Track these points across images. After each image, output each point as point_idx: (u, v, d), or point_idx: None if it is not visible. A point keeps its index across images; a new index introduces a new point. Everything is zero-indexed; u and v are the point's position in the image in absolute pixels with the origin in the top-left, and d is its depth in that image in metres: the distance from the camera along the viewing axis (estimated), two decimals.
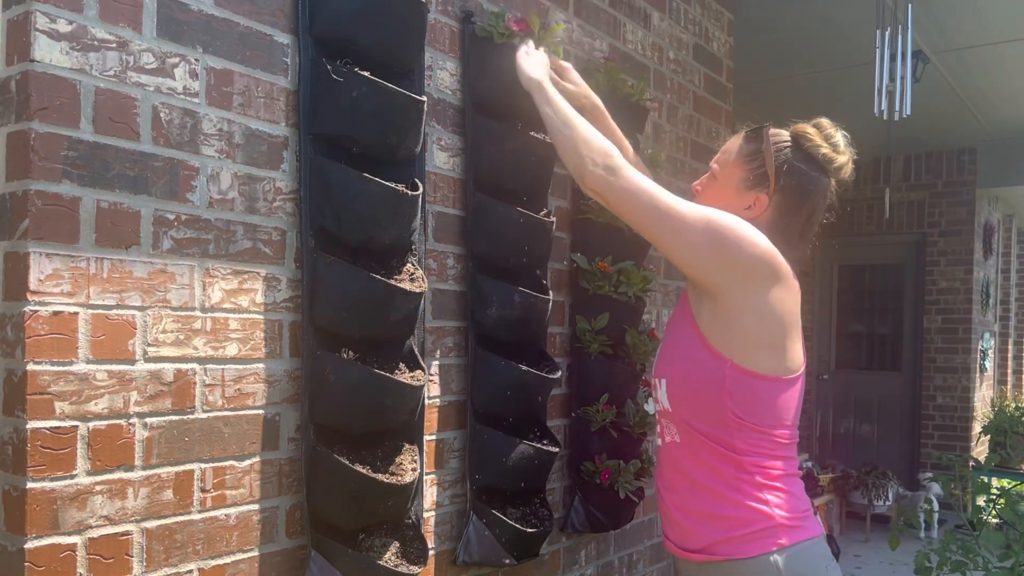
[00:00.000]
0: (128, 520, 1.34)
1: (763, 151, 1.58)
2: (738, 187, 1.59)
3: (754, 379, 1.46)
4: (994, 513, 3.22)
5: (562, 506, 2.30)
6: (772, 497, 1.47)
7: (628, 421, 2.31)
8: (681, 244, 1.49)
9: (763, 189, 1.57)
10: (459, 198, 1.95)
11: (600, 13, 2.43)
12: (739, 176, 1.59)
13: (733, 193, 1.59)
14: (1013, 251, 8.27)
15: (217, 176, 1.46)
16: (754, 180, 1.57)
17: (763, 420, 1.47)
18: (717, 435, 1.48)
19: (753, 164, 1.58)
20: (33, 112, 1.23)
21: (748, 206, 1.57)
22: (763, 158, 1.57)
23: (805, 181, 1.57)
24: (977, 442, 6.66)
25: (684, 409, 1.51)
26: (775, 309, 1.47)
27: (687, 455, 1.53)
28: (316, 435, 1.57)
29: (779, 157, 1.57)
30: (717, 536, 1.48)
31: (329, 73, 1.55)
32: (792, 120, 1.65)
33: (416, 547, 1.71)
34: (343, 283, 1.55)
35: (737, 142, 1.64)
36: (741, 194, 1.58)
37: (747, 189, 1.58)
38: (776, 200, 1.56)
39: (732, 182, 1.60)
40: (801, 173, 1.57)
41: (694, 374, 1.49)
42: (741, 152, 1.61)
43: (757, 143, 1.59)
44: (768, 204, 1.56)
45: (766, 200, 1.56)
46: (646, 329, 2.41)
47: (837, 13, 4.08)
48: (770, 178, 1.56)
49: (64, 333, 1.26)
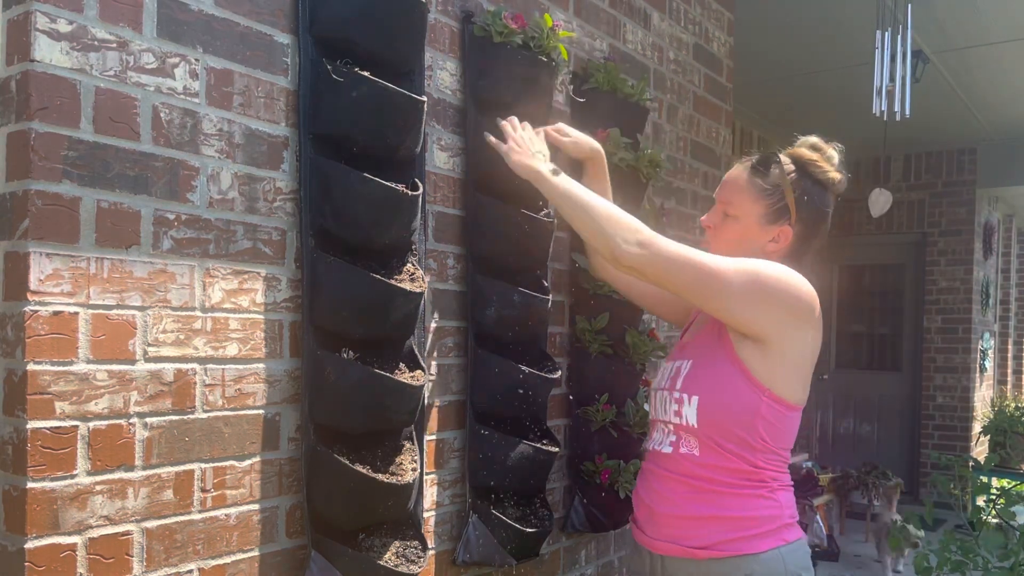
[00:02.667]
0: (128, 520, 1.34)
1: (781, 186, 1.61)
2: (759, 223, 1.62)
3: (785, 408, 1.55)
4: (994, 513, 3.22)
5: (562, 506, 2.30)
6: (782, 498, 1.58)
7: (628, 421, 2.31)
8: (730, 303, 1.52)
9: (785, 221, 1.61)
10: (459, 198, 1.95)
11: (600, 13, 2.43)
12: (758, 212, 1.62)
13: (756, 229, 1.62)
14: (1013, 251, 8.27)
15: (217, 176, 1.46)
16: (775, 214, 1.61)
17: (782, 443, 1.58)
18: (741, 453, 1.54)
19: (772, 199, 1.61)
20: (33, 112, 1.23)
21: (773, 239, 1.62)
22: (781, 192, 1.61)
23: (820, 205, 1.63)
24: (977, 442, 6.66)
25: (713, 429, 1.55)
26: (814, 347, 1.57)
27: (703, 466, 1.57)
28: (316, 435, 1.57)
29: (795, 189, 1.61)
30: (727, 535, 1.54)
31: (329, 73, 1.55)
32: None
33: (416, 547, 1.71)
34: (343, 283, 1.55)
35: (743, 176, 1.65)
36: (764, 229, 1.62)
37: (769, 224, 1.62)
38: (797, 229, 1.62)
39: (752, 219, 1.62)
40: (816, 199, 1.63)
41: (731, 400, 1.54)
42: (755, 187, 1.62)
43: (767, 177, 1.62)
44: (791, 234, 1.61)
45: (790, 231, 1.62)
46: (646, 329, 2.41)
47: (837, 13, 4.09)
48: (791, 210, 1.61)
49: (64, 333, 1.26)
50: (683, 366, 1.65)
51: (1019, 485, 4.58)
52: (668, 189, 2.78)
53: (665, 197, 2.74)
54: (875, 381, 7.15)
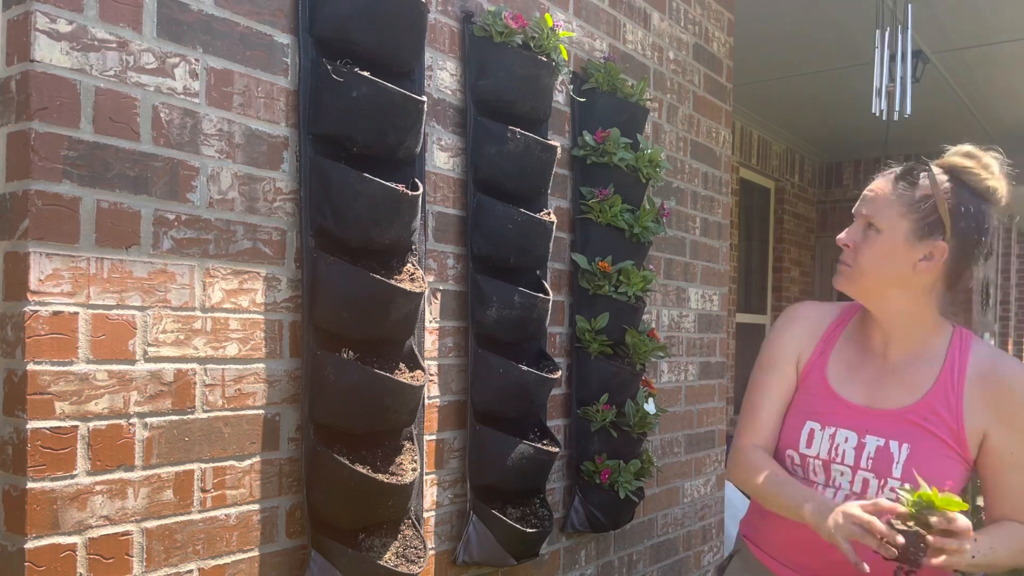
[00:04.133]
0: (128, 520, 1.34)
1: (933, 195, 1.44)
2: (908, 238, 1.45)
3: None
4: None
5: (562, 506, 2.30)
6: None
7: (628, 421, 2.32)
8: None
9: (939, 236, 1.44)
10: (459, 198, 1.95)
11: (600, 13, 2.43)
12: (906, 227, 1.45)
13: (903, 246, 1.45)
14: (1013, 251, 8.27)
15: (217, 176, 1.46)
16: (927, 228, 1.45)
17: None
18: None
19: (921, 212, 1.45)
20: (33, 112, 1.23)
21: (924, 256, 1.45)
22: (934, 203, 1.44)
23: (979, 217, 1.46)
24: None
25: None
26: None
27: None
28: (316, 435, 1.57)
29: (950, 199, 1.44)
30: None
31: (329, 73, 1.55)
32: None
33: (416, 547, 1.71)
34: (343, 283, 1.55)
35: (888, 186, 1.49)
36: (913, 246, 1.45)
37: (919, 240, 1.45)
38: (952, 244, 1.44)
39: (900, 234, 1.46)
40: (973, 210, 1.45)
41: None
42: (902, 200, 1.46)
43: (916, 186, 1.46)
44: (946, 250, 1.44)
45: (945, 247, 1.44)
46: (646, 329, 2.41)
47: (837, 13, 4.09)
48: (945, 223, 1.44)
49: (64, 333, 1.26)
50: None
51: None
52: (668, 189, 2.78)
53: (665, 197, 2.74)
54: None
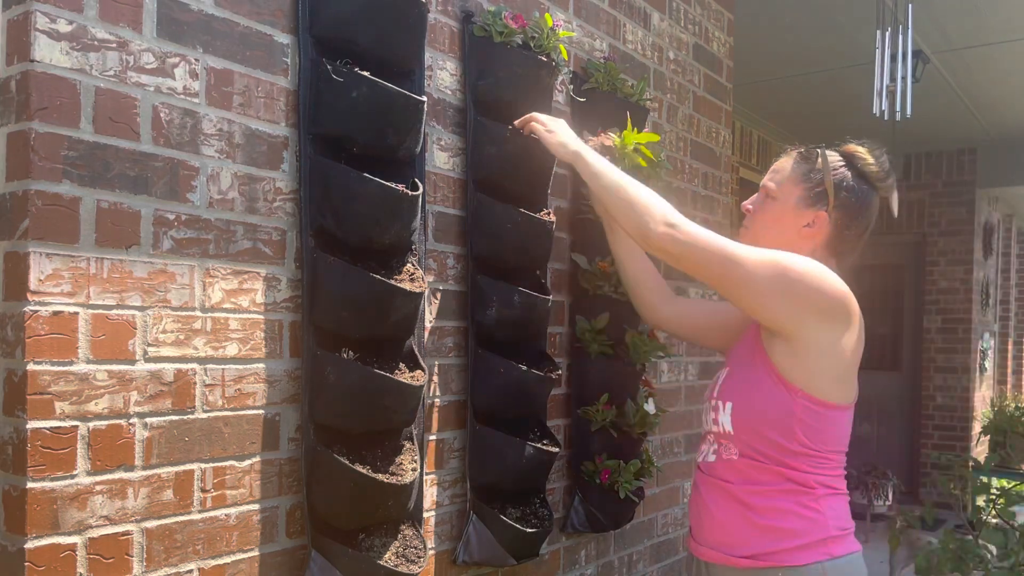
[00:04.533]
0: (128, 520, 1.34)
1: (821, 169, 1.63)
2: (797, 205, 1.65)
3: (823, 408, 1.52)
4: (994, 513, 3.22)
5: (562, 506, 2.30)
6: (827, 509, 1.54)
7: (628, 421, 2.31)
8: (753, 293, 1.52)
9: (822, 206, 1.64)
10: (459, 198, 1.95)
11: (600, 13, 2.43)
12: (797, 195, 1.65)
13: (792, 211, 1.65)
14: (1013, 251, 8.28)
15: (217, 176, 1.46)
16: (813, 198, 1.64)
17: (827, 445, 1.55)
18: (782, 459, 1.53)
19: (810, 183, 1.64)
20: (33, 112, 1.23)
21: (808, 223, 1.63)
22: (821, 176, 1.64)
23: (861, 196, 1.65)
24: (977, 442, 6.66)
25: (749, 435, 1.55)
26: (847, 347, 1.53)
27: (745, 474, 1.56)
28: (316, 435, 1.57)
29: (835, 175, 1.63)
30: (770, 547, 1.52)
31: (329, 73, 1.55)
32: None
33: (416, 547, 1.71)
34: (343, 283, 1.55)
35: (789, 162, 1.69)
36: (800, 212, 1.64)
37: (806, 207, 1.64)
38: (835, 216, 1.63)
39: (791, 201, 1.65)
40: (857, 189, 1.64)
41: (764, 403, 1.53)
42: (797, 171, 1.66)
43: (812, 162, 1.65)
44: (827, 220, 1.62)
45: (826, 216, 1.63)
46: (646, 329, 2.41)
47: (837, 13, 4.09)
48: (829, 195, 1.63)
49: (64, 333, 1.26)
50: (722, 374, 1.67)
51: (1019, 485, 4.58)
52: (668, 189, 2.78)
53: (665, 197, 2.74)
54: (875, 381, 7.15)
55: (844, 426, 1.59)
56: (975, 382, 6.84)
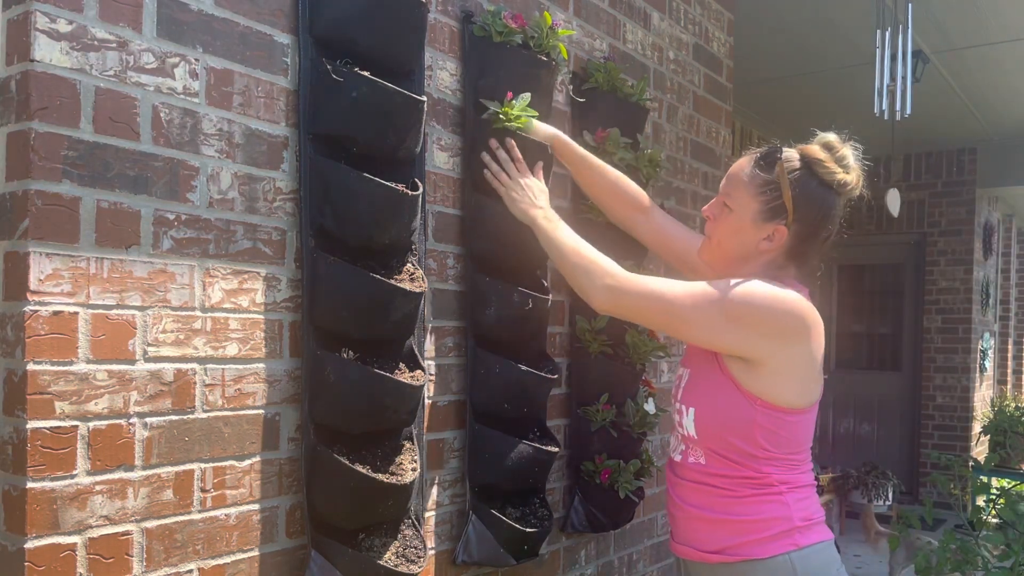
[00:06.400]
0: (128, 520, 1.34)
1: (778, 182, 1.53)
2: (755, 219, 1.55)
3: (783, 414, 1.51)
4: (994, 513, 3.22)
5: (562, 506, 2.30)
6: (791, 501, 1.54)
7: (628, 421, 2.31)
8: (698, 334, 1.52)
9: (781, 220, 1.54)
10: (459, 198, 1.95)
11: (600, 13, 2.43)
12: (755, 208, 1.55)
13: (750, 226, 1.56)
14: (1013, 251, 8.28)
15: (217, 176, 1.46)
16: (771, 212, 1.54)
17: (788, 448, 1.54)
18: (745, 462, 1.53)
19: (768, 196, 1.54)
20: (33, 112, 1.23)
21: (767, 236, 1.55)
22: (779, 189, 1.53)
23: (823, 207, 1.55)
24: (977, 442, 6.66)
25: (712, 440, 1.55)
26: (805, 358, 1.51)
27: (709, 474, 1.57)
28: (316, 435, 1.57)
29: (795, 188, 1.52)
30: (737, 539, 1.53)
31: (329, 73, 1.55)
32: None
33: (416, 547, 1.71)
34: (343, 283, 1.55)
35: (745, 169, 1.58)
36: (759, 226, 1.55)
37: (764, 221, 1.55)
38: (795, 229, 1.54)
39: (748, 215, 1.56)
40: (818, 200, 1.54)
41: (725, 411, 1.53)
42: (754, 183, 1.55)
43: (770, 170, 1.54)
44: (787, 233, 1.54)
45: (785, 231, 1.54)
46: (646, 329, 2.41)
47: (837, 13, 4.09)
48: (788, 210, 1.53)
49: (64, 333, 1.26)
50: (684, 376, 1.66)
51: (1019, 485, 4.58)
52: (668, 189, 2.78)
53: (665, 197, 2.74)
54: (875, 381, 7.15)
55: (807, 427, 1.57)
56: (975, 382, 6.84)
